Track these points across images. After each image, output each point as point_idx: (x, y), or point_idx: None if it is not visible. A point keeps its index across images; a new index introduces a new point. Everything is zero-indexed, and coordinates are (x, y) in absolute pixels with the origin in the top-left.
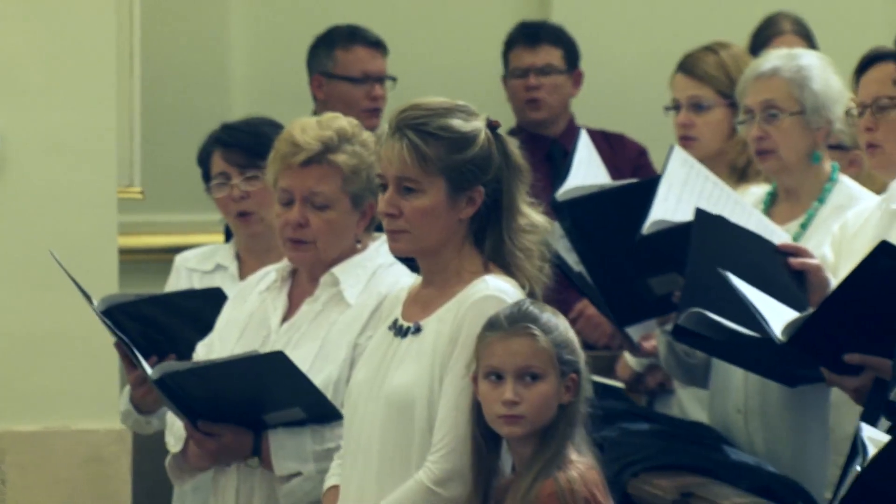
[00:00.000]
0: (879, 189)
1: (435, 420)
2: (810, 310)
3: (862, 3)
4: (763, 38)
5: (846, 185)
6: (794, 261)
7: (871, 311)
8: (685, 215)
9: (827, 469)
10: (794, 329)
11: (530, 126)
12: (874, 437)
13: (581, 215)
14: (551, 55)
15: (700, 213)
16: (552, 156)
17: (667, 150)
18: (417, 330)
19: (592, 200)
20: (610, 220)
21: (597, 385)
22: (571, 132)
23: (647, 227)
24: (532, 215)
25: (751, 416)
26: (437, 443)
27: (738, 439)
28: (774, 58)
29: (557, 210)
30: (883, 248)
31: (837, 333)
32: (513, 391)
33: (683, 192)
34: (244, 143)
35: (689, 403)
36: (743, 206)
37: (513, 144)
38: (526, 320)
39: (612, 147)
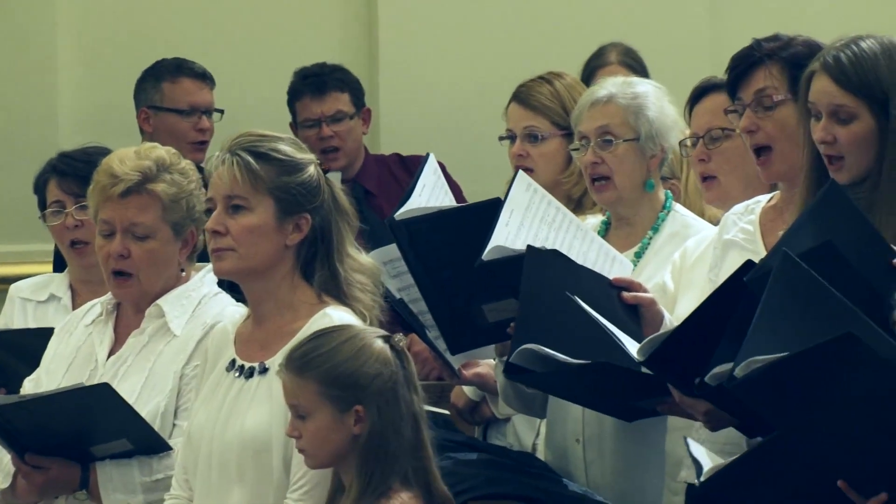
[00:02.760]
0: (697, 216)
1: (291, 459)
2: (670, 328)
3: (692, 34)
4: (591, 68)
5: (680, 213)
6: (627, 295)
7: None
8: (527, 241)
9: (662, 497)
10: (652, 347)
11: (333, 170)
12: (700, 454)
13: (418, 236)
14: (339, 101)
15: (531, 250)
16: (354, 195)
17: (500, 179)
18: (264, 370)
19: (430, 221)
20: (447, 243)
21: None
22: (368, 167)
23: (487, 252)
24: (361, 258)
25: (589, 445)
26: (298, 481)
27: (577, 468)
28: (610, 85)
29: (394, 230)
30: (748, 268)
31: (693, 354)
32: (291, 426)
33: (525, 217)
34: (79, 172)
35: (524, 431)
36: (585, 233)
37: (340, 189)
38: (288, 359)
39: (408, 169)
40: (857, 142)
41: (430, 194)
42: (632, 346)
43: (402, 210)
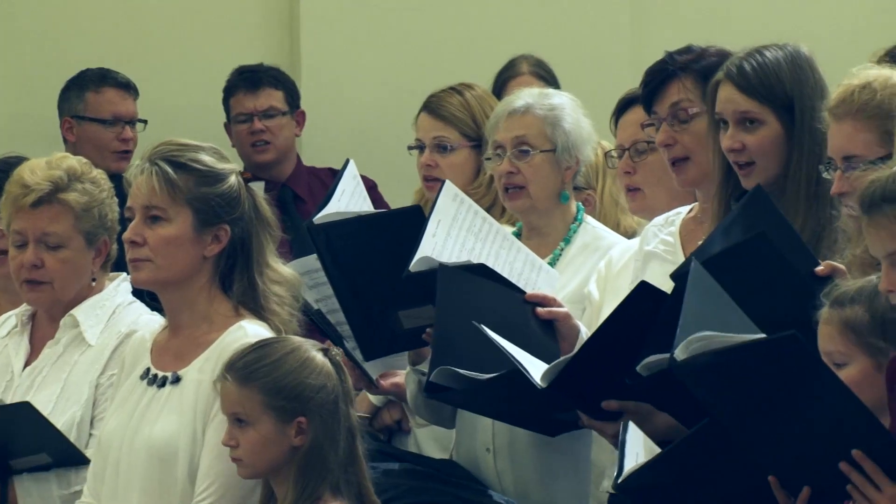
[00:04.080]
0: (613, 227)
1: (197, 470)
2: (570, 354)
3: (612, 45)
4: (503, 79)
5: (591, 225)
6: (541, 311)
7: (630, 354)
8: (453, 251)
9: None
10: (554, 374)
11: (259, 171)
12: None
13: (336, 240)
14: (273, 97)
15: (443, 269)
16: (283, 200)
17: (408, 190)
18: (177, 380)
19: (349, 226)
20: (365, 248)
21: None
22: (299, 174)
23: (414, 264)
24: (281, 269)
25: (499, 454)
26: (202, 492)
27: (488, 478)
28: (527, 96)
29: (313, 234)
30: (642, 289)
31: (596, 378)
32: (227, 435)
33: (452, 227)
34: None
35: (426, 443)
36: (512, 243)
37: (263, 199)
38: (230, 368)
39: None
40: (766, 147)
41: (349, 200)
42: (537, 372)
43: (320, 214)
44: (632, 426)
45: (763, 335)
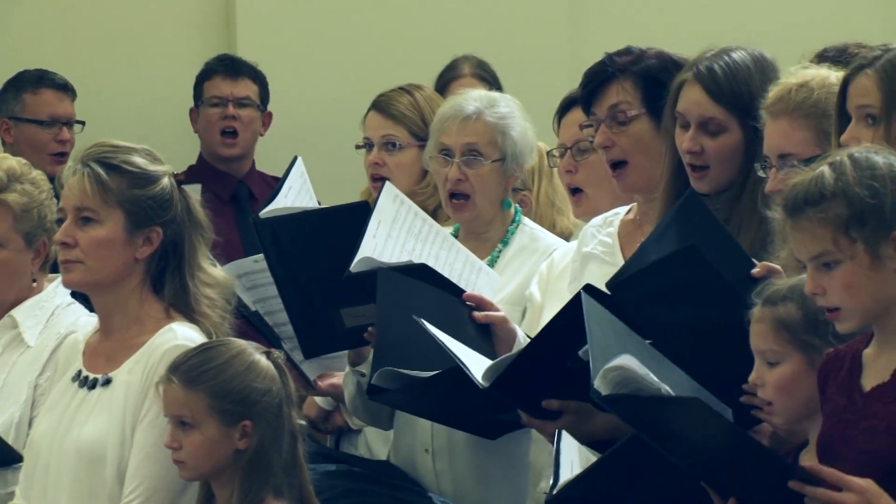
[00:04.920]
0: (549, 228)
1: (125, 471)
2: (512, 353)
3: (550, 46)
4: (445, 80)
5: (528, 227)
6: (478, 315)
7: (570, 356)
8: (394, 252)
9: None
10: (495, 373)
11: (219, 162)
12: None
13: (281, 236)
14: (250, 88)
15: (383, 272)
16: (238, 196)
17: (353, 191)
18: (107, 382)
19: (295, 221)
20: (310, 244)
21: None
22: (253, 173)
23: (354, 265)
24: (213, 272)
25: (438, 455)
26: (130, 493)
27: (426, 479)
28: (475, 100)
29: (258, 228)
30: (587, 290)
31: (537, 378)
32: (170, 437)
33: (392, 228)
34: None
35: (376, 443)
36: (452, 244)
37: (196, 201)
38: (176, 370)
39: None
40: (725, 154)
41: (295, 196)
42: (478, 370)
43: (267, 209)
44: (565, 435)
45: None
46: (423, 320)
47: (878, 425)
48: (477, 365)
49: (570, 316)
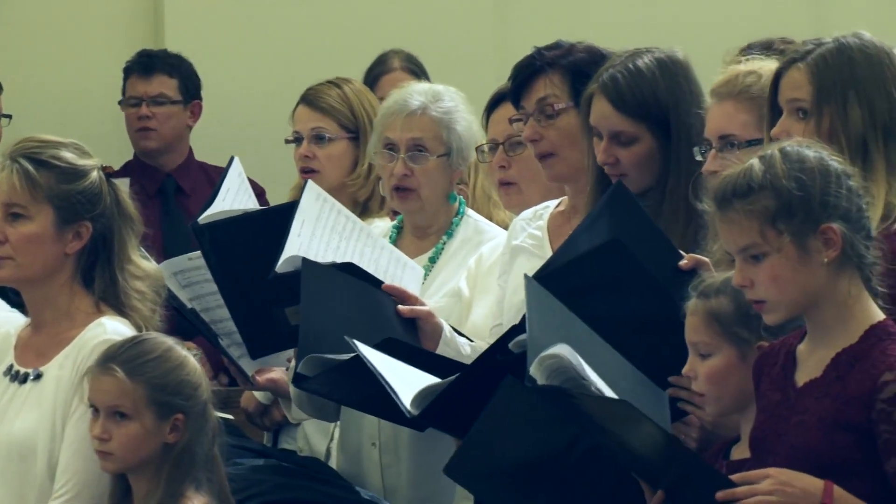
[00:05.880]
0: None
1: (56, 465)
2: (441, 382)
3: (477, 41)
4: (375, 74)
5: (473, 218)
6: (402, 309)
7: (502, 348)
8: (318, 250)
9: (454, 502)
10: (425, 402)
11: (145, 157)
12: None
13: (221, 239)
14: (165, 85)
15: (307, 265)
16: (164, 190)
17: (290, 182)
18: (38, 376)
19: (232, 224)
20: (249, 246)
21: None
22: (188, 167)
23: (280, 264)
24: (144, 265)
25: (385, 449)
26: (60, 489)
27: (372, 473)
28: (419, 94)
29: (198, 234)
30: (513, 332)
31: (467, 405)
32: (101, 427)
33: (317, 227)
34: None
35: (315, 436)
36: (375, 240)
37: (125, 193)
38: (115, 360)
39: None
40: (639, 162)
41: (234, 198)
42: (410, 393)
43: (205, 214)
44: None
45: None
46: (354, 340)
47: (809, 420)
48: (409, 386)
49: (503, 347)
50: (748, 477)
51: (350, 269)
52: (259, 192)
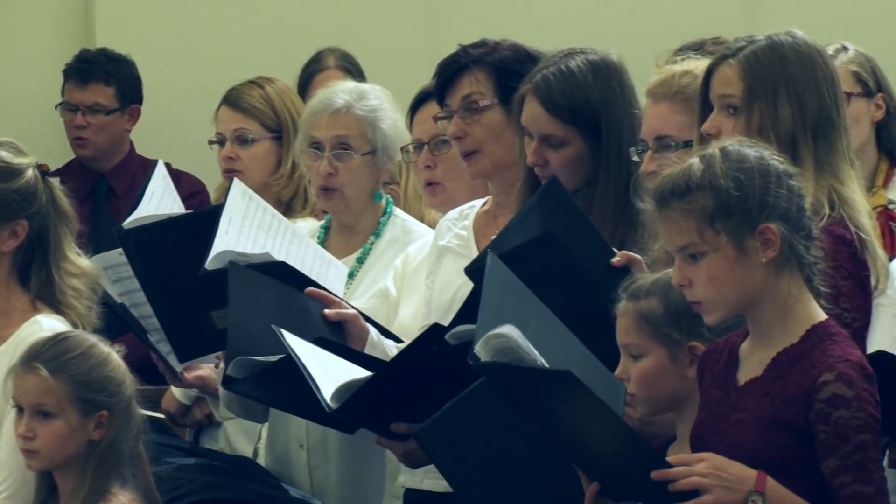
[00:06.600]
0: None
1: None
2: (361, 378)
3: (408, 39)
4: (309, 73)
5: (401, 218)
6: (328, 312)
7: (420, 385)
8: (246, 248)
9: (383, 502)
10: (345, 396)
11: (81, 158)
12: None
13: (146, 244)
14: (101, 94)
15: (234, 266)
16: (96, 191)
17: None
18: None
19: (158, 229)
20: (174, 250)
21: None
22: (124, 167)
23: (209, 261)
24: (79, 261)
25: (313, 451)
26: None
27: (300, 474)
28: (344, 93)
29: (122, 239)
30: (434, 330)
31: (387, 401)
32: (25, 426)
33: (244, 224)
34: None
35: (237, 437)
36: (301, 238)
37: (60, 191)
38: (38, 358)
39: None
40: (568, 165)
41: (158, 202)
42: (331, 387)
43: (130, 219)
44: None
45: (546, 366)
46: (280, 329)
47: (748, 418)
48: (332, 380)
49: (424, 346)
50: (684, 460)
51: (283, 268)
52: (198, 189)
